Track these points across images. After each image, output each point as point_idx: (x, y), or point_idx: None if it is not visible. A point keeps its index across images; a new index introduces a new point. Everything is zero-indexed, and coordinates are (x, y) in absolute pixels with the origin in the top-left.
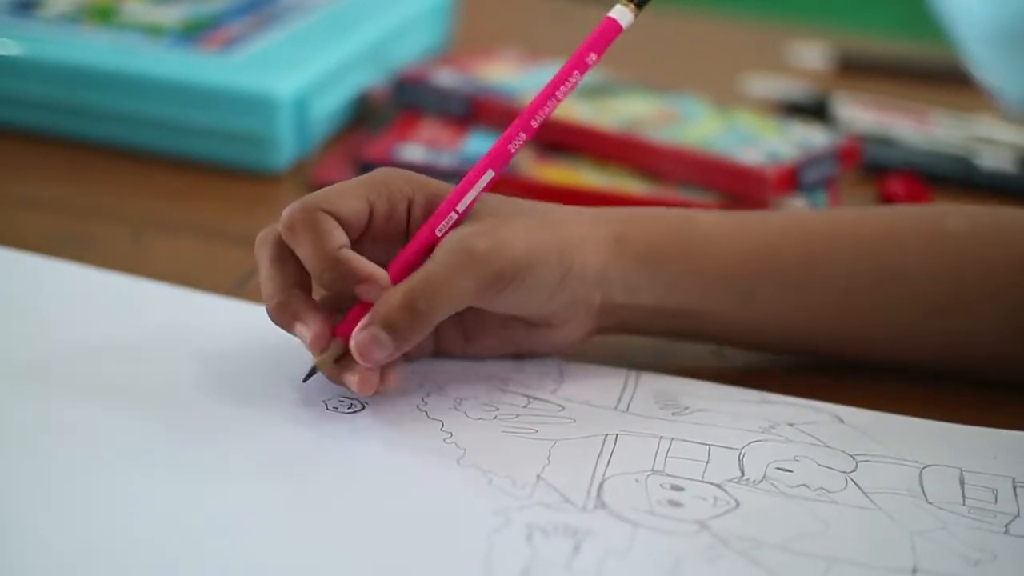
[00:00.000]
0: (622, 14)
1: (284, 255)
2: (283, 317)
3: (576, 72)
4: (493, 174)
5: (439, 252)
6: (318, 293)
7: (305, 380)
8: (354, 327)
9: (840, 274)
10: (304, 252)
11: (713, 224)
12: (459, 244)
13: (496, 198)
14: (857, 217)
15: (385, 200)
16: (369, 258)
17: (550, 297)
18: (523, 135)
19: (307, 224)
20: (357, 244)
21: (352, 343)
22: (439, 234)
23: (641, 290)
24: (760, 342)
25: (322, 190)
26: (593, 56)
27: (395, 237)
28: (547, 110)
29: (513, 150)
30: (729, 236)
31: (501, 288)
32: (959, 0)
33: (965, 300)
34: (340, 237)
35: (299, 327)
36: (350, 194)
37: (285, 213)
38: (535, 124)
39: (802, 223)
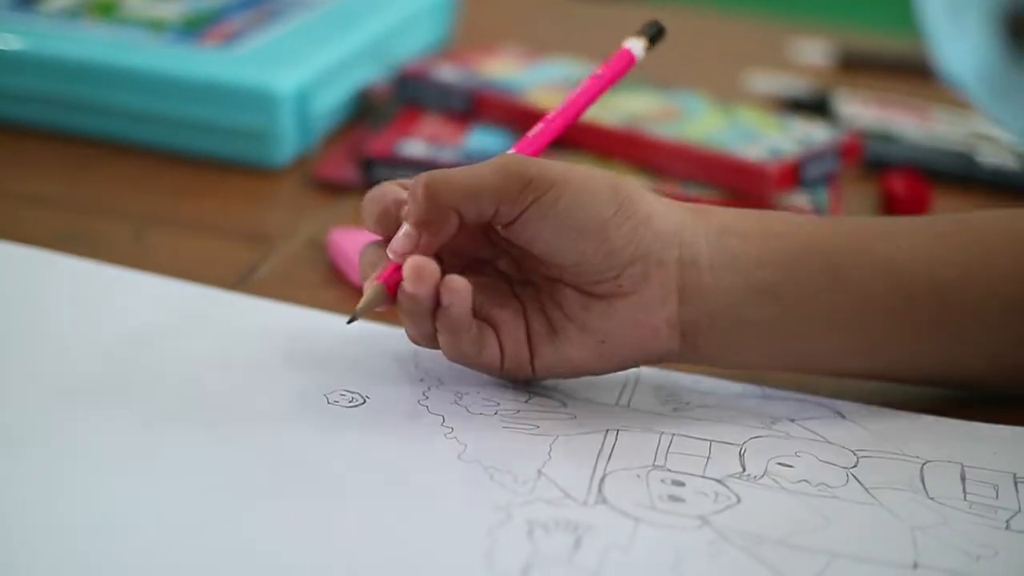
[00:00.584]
0: (635, 46)
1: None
2: (370, 206)
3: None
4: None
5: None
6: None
7: (349, 322)
8: (391, 273)
9: (927, 272)
10: (425, 244)
11: (788, 213)
12: (500, 155)
13: None
14: (943, 225)
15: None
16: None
17: (604, 227)
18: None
19: (436, 217)
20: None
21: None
22: None
23: (732, 262)
24: (856, 335)
25: (468, 178)
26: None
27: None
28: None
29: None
30: (809, 220)
31: (532, 196)
32: (949, 55)
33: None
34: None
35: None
36: (485, 197)
37: (420, 188)
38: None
39: (887, 223)
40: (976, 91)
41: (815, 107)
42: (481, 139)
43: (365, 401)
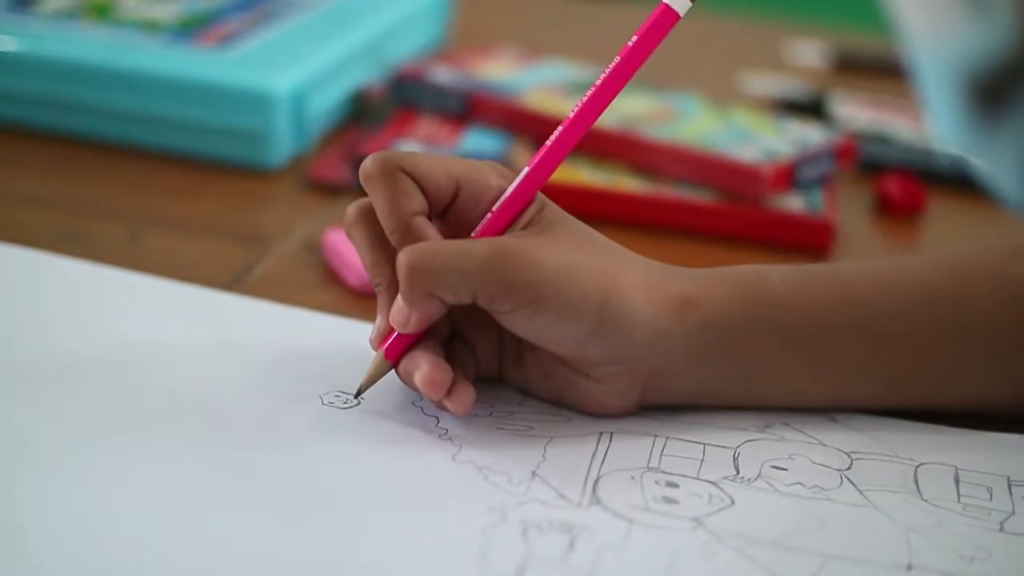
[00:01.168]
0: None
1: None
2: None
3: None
4: (527, 171)
5: (473, 241)
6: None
7: (356, 396)
8: (394, 343)
9: (913, 332)
10: (379, 205)
11: (782, 281)
12: (491, 240)
13: (564, 218)
14: (927, 266)
15: (475, 188)
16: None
17: (581, 341)
18: (561, 129)
19: (385, 179)
20: (440, 221)
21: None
22: (473, 235)
23: (704, 358)
24: (832, 401)
25: (414, 152)
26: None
27: (470, 230)
28: (596, 114)
29: (552, 144)
30: (799, 291)
31: (510, 305)
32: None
33: None
34: (418, 203)
35: (378, 317)
36: (440, 167)
37: (367, 160)
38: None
39: (872, 273)
40: (966, 151)
41: (810, 108)
42: (477, 141)
43: (360, 403)
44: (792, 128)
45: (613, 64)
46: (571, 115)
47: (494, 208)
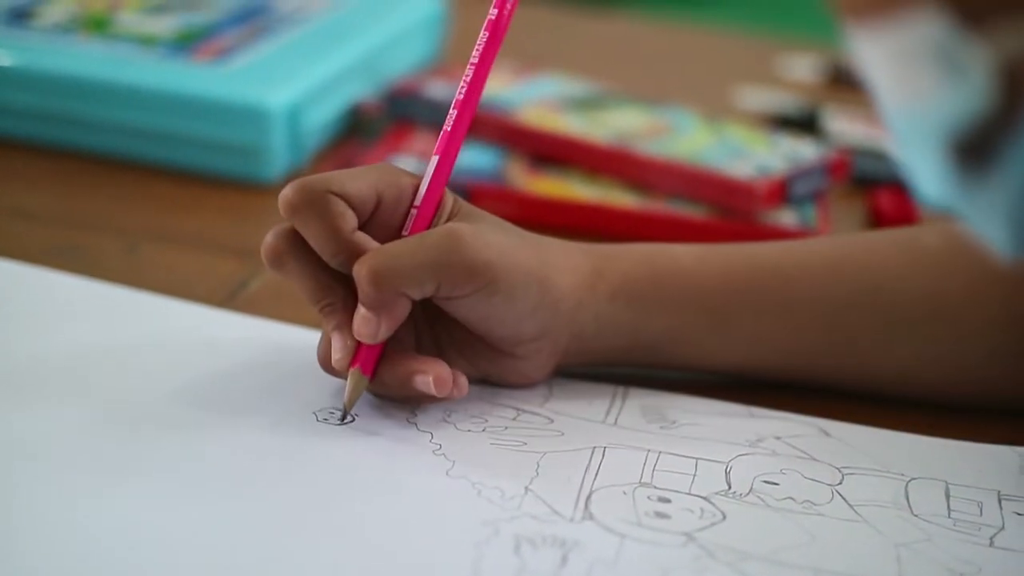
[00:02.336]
0: None
1: (303, 252)
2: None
3: (486, 33)
4: (437, 158)
5: (424, 233)
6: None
7: (342, 422)
8: (364, 355)
9: (819, 297)
10: (314, 234)
11: (686, 253)
12: (443, 227)
13: (477, 210)
14: (835, 240)
15: (394, 192)
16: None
17: (523, 318)
18: (455, 112)
19: (316, 206)
20: (363, 230)
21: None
22: (405, 233)
23: (613, 327)
24: (739, 369)
25: (328, 172)
26: (494, 11)
27: (397, 232)
28: (478, 84)
29: (451, 129)
30: (702, 262)
31: (472, 287)
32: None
33: (947, 317)
34: (352, 219)
35: (335, 338)
36: (359, 179)
37: (287, 191)
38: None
39: (780, 248)
40: (952, 210)
41: (804, 123)
42: (472, 156)
43: (354, 419)
44: (785, 143)
45: (483, 37)
46: (459, 96)
47: (416, 203)
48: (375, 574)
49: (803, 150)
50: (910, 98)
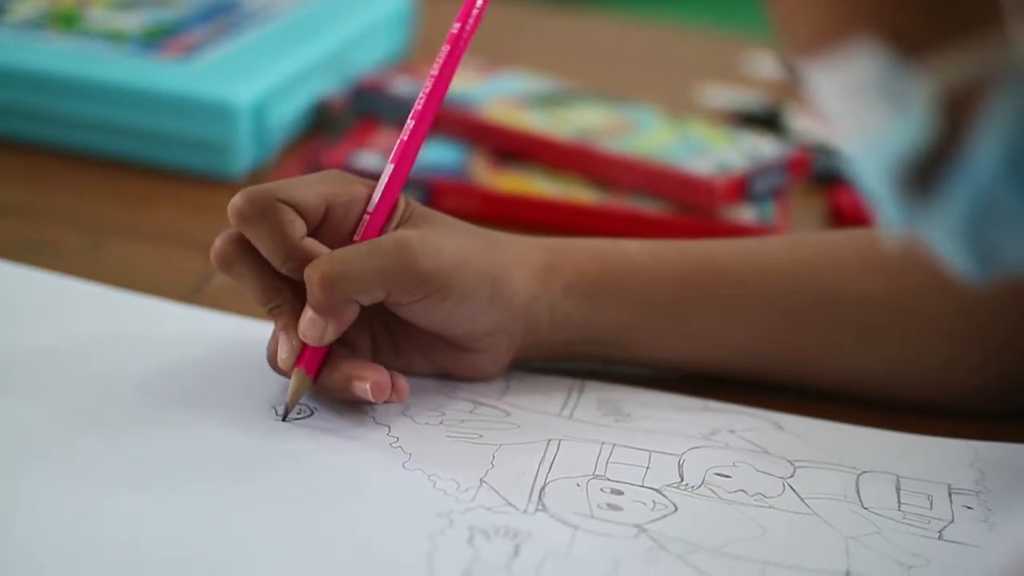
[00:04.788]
0: None
1: (251, 256)
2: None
3: (447, 46)
4: (392, 167)
5: (376, 241)
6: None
7: (284, 419)
8: (309, 357)
9: (774, 299)
10: (263, 241)
11: (640, 250)
12: (393, 235)
13: (430, 212)
14: (793, 241)
15: (344, 199)
16: None
17: (476, 317)
18: (412, 122)
19: (265, 214)
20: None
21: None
22: (356, 239)
23: (567, 321)
24: (693, 366)
25: (277, 181)
26: (456, 26)
27: (348, 239)
28: (436, 96)
29: (407, 139)
30: (656, 259)
31: (423, 293)
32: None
33: (903, 322)
34: (301, 227)
35: (282, 338)
36: (308, 187)
37: (236, 200)
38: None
39: (736, 247)
40: (910, 232)
41: (767, 121)
42: (437, 152)
43: (312, 412)
44: (746, 141)
45: (444, 50)
46: (418, 107)
47: (369, 210)
48: (329, 566)
49: (764, 147)
50: (859, 130)
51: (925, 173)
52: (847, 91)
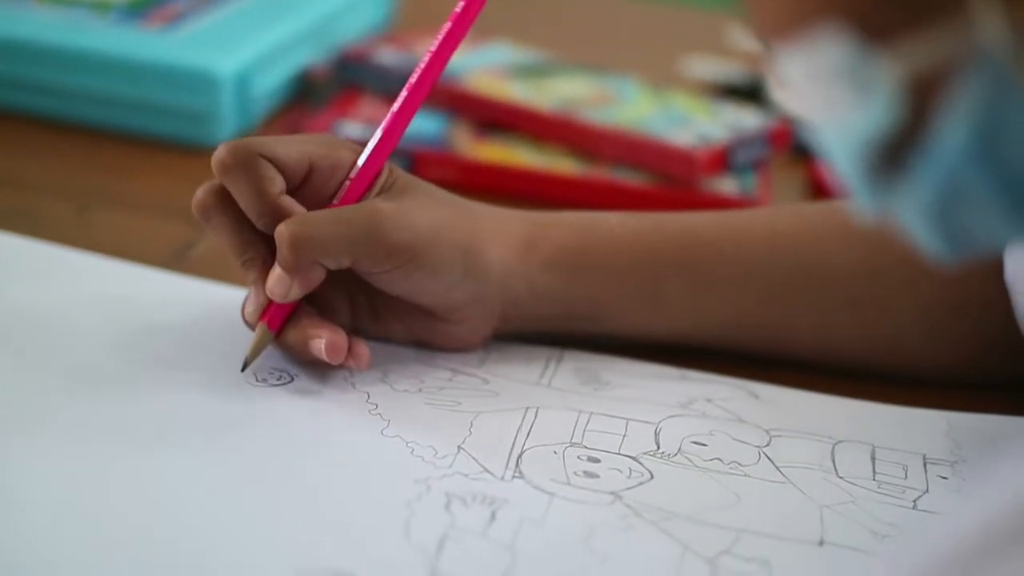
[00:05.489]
0: None
1: (230, 208)
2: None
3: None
4: (377, 138)
5: (348, 208)
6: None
7: (243, 370)
8: (273, 313)
9: (755, 272)
10: (241, 193)
11: (621, 223)
12: (367, 204)
13: (414, 180)
14: (772, 214)
15: (328, 162)
16: None
17: (449, 289)
18: (406, 93)
19: (244, 165)
20: (294, 197)
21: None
22: (335, 203)
23: (546, 295)
24: (673, 339)
25: (264, 137)
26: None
27: (328, 202)
28: (435, 77)
29: (399, 109)
30: (636, 234)
31: (391, 264)
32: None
33: (883, 295)
34: (280, 183)
35: (252, 292)
36: (292, 146)
37: (220, 151)
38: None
39: (717, 220)
40: (880, 214)
41: (749, 93)
42: (419, 123)
43: (293, 379)
44: (727, 112)
45: (446, 27)
46: (413, 80)
47: (351, 176)
48: (305, 530)
49: (745, 119)
50: (827, 114)
51: (893, 156)
52: (815, 76)
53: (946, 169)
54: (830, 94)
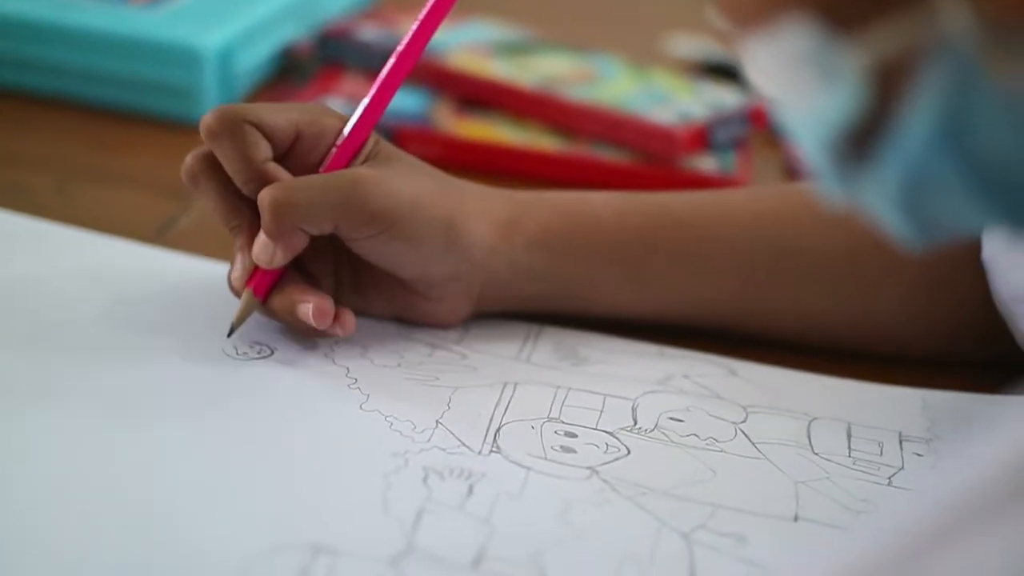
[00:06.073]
0: None
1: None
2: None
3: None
4: (364, 106)
5: (331, 174)
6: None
7: (229, 334)
8: (259, 279)
9: (735, 252)
10: (228, 159)
11: (604, 204)
12: (350, 171)
13: (397, 151)
14: (753, 194)
15: (315, 130)
16: None
17: (430, 261)
18: (394, 61)
19: (231, 131)
20: (282, 164)
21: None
22: (320, 170)
23: (529, 275)
24: (654, 318)
25: (252, 104)
26: None
27: (314, 169)
28: (423, 45)
29: (385, 77)
30: (619, 214)
31: (371, 231)
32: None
33: (863, 274)
34: (265, 150)
35: (237, 258)
36: (279, 113)
37: (208, 117)
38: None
39: (699, 200)
40: (847, 200)
41: (729, 72)
42: (401, 99)
43: (272, 352)
44: (708, 91)
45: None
46: (400, 48)
47: (337, 143)
48: (283, 502)
49: (726, 98)
50: (795, 101)
51: (859, 143)
52: (782, 64)
53: (912, 156)
54: (797, 80)
